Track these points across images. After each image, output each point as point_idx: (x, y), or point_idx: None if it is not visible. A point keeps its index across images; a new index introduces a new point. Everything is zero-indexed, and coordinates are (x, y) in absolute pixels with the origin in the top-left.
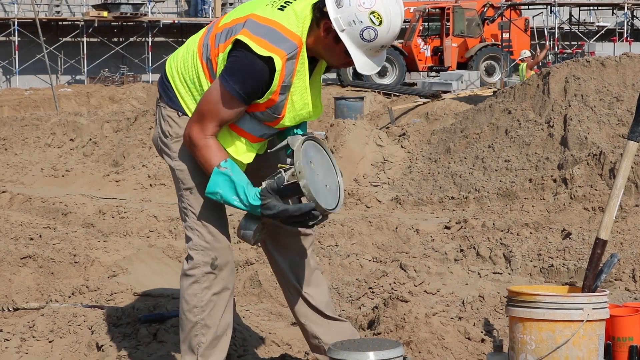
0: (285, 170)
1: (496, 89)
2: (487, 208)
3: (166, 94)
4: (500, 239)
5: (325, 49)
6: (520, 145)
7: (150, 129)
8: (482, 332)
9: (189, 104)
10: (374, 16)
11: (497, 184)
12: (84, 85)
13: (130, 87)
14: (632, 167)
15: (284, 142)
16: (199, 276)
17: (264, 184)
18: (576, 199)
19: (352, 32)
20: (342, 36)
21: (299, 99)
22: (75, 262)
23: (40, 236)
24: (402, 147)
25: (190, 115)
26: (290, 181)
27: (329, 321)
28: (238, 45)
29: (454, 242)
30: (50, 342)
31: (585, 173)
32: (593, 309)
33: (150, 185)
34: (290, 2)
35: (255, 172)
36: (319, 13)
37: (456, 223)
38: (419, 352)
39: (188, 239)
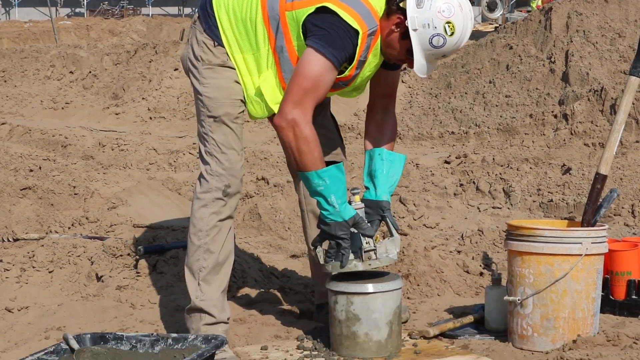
0: (377, 243)
1: (498, 25)
2: (487, 143)
3: (206, 20)
4: (500, 174)
5: (387, 40)
6: (521, 81)
7: (150, 62)
8: (480, 265)
9: (229, 38)
10: (449, 26)
11: (497, 119)
12: (84, 18)
13: (130, 20)
14: (633, 103)
15: (393, 232)
16: (208, 200)
17: (359, 211)
18: (576, 135)
19: (422, 34)
20: (413, 36)
21: (367, 71)
22: (74, 194)
23: (40, 168)
24: (402, 81)
25: (226, 47)
26: (366, 251)
27: None
28: (323, 11)
29: (453, 176)
30: (50, 272)
31: (586, 109)
32: (592, 243)
33: (150, 118)
34: None
35: None
36: (395, 6)
37: (456, 158)
38: (418, 285)
39: (205, 163)
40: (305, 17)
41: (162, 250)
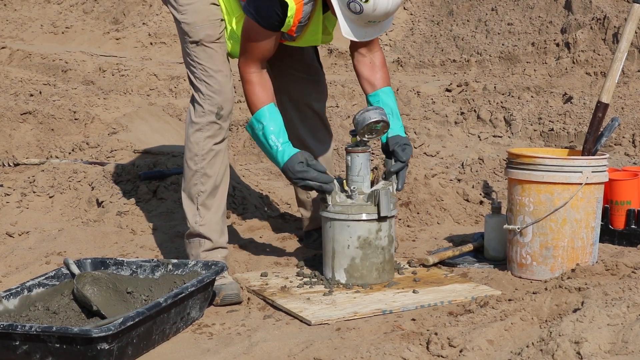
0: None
1: None
2: (488, 71)
3: None
4: (501, 102)
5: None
6: (524, 9)
7: None
8: (480, 194)
9: None
10: None
11: (499, 47)
12: None
13: None
14: (636, 32)
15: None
16: (203, 124)
17: (364, 155)
18: (578, 64)
19: None
20: (333, 0)
21: (313, 31)
22: (75, 119)
23: (40, 92)
24: (404, 8)
25: None
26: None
27: None
28: None
29: (454, 104)
30: (50, 197)
31: (589, 37)
32: (592, 172)
33: (151, 43)
34: None
35: None
36: None
37: (457, 86)
38: (418, 213)
39: (196, 89)
40: None
41: (163, 176)
